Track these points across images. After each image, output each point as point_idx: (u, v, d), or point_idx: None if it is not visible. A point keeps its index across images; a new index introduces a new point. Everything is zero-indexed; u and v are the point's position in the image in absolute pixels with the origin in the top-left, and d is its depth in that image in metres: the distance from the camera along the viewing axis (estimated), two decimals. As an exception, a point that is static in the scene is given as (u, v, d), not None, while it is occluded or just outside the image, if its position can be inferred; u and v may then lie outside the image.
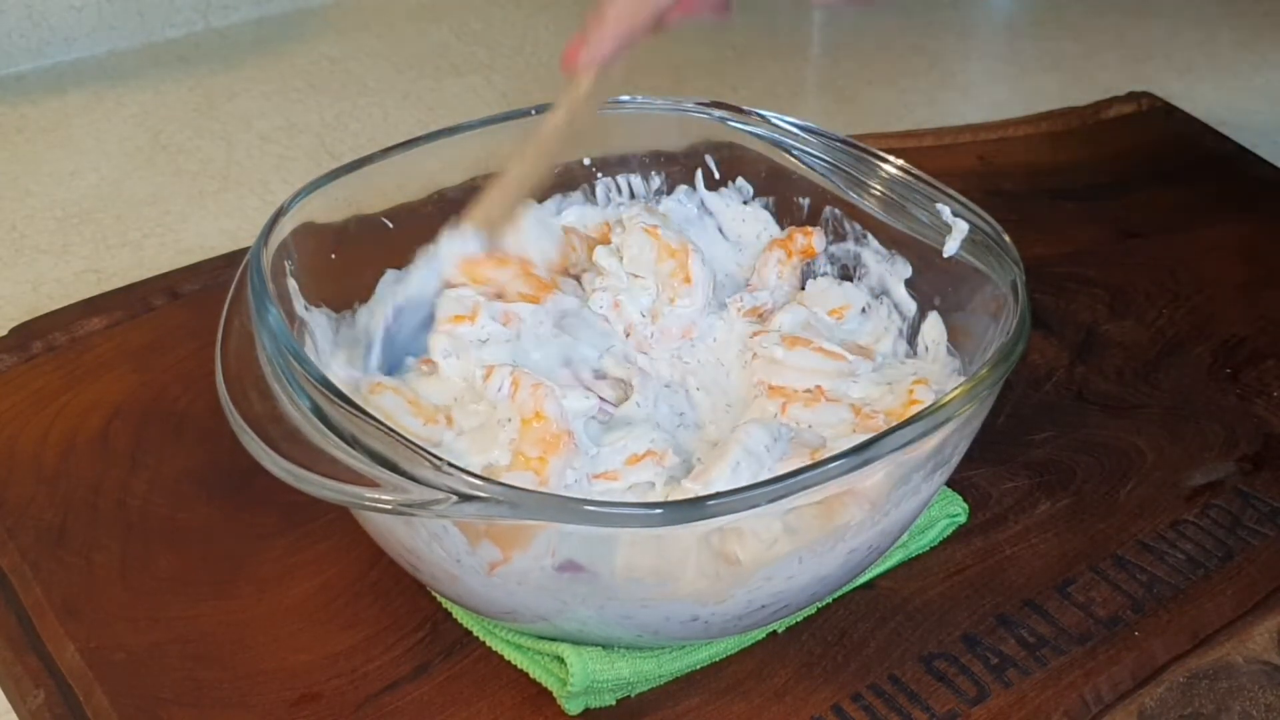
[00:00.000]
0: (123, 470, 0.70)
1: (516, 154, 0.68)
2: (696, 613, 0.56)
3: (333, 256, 0.67)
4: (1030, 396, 0.76)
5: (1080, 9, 1.25)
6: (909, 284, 0.69)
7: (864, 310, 0.70)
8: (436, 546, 0.55)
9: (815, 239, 0.72)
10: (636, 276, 0.68)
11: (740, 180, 0.74)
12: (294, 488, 0.53)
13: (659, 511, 0.53)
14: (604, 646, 0.59)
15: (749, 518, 0.53)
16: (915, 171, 0.69)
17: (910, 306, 0.69)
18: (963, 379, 0.65)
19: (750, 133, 0.73)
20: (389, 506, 0.52)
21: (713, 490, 0.56)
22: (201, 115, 1.06)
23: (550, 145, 0.68)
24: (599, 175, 0.75)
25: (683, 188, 0.75)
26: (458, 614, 0.63)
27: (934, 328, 0.68)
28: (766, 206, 0.74)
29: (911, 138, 0.96)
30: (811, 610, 0.63)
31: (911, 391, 0.64)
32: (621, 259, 0.69)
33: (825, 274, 0.72)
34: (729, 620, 0.58)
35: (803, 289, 0.71)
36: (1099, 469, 0.72)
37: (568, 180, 0.74)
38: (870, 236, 0.71)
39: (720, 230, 0.74)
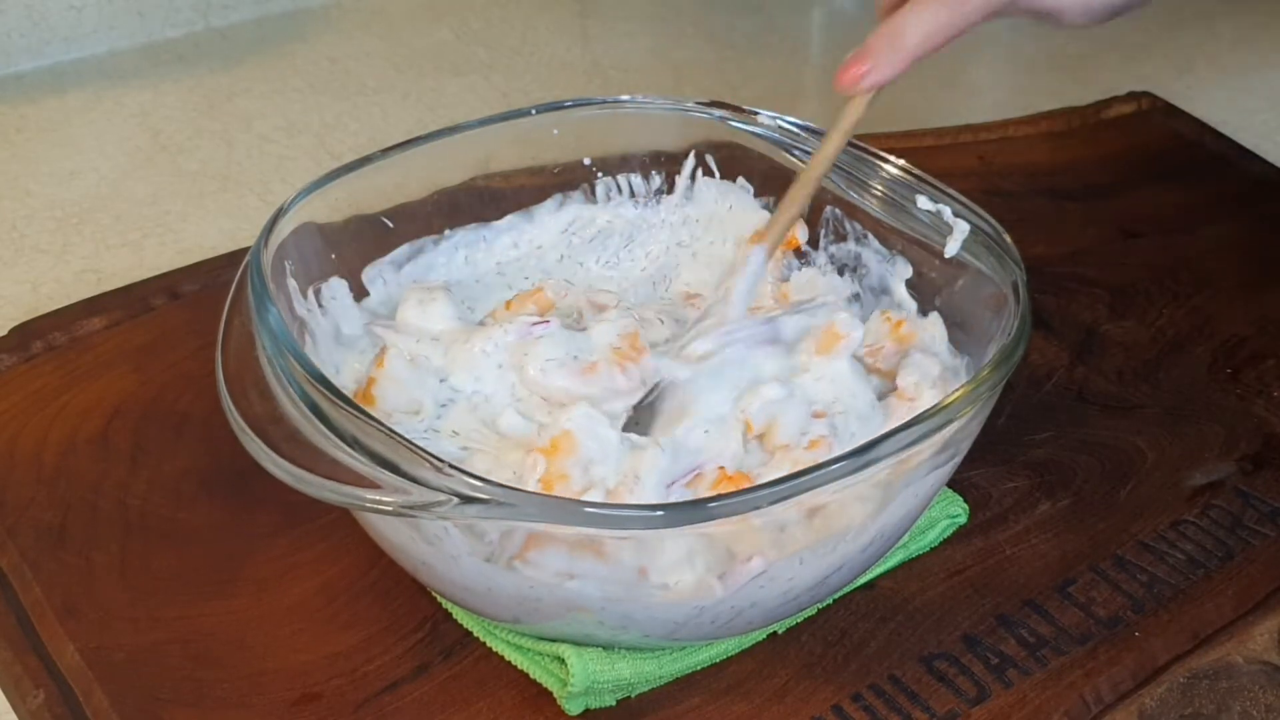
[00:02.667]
0: (123, 470, 0.70)
1: (798, 182, 0.66)
2: (698, 614, 0.56)
3: (333, 256, 0.67)
4: (1030, 396, 0.76)
5: (1080, 9, 1.25)
6: (909, 284, 0.69)
7: (853, 299, 0.70)
8: (437, 547, 0.55)
9: (799, 230, 0.71)
10: None
11: (740, 180, 0.74)
12: (294, 488, 0.53)
13: (660, 513, 0.53)
14: (604, 647, 0.59)
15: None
16: (916, 171, 0.69)
17: (911, 306, 0.69)
18: (967, 377, 0.65)
19: (750, 133, 0.73)
20: (390, 508, 0.52)
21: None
22: (201, 115, 1.06)
23: (825, 170, 0.66)
24: (599, 175, 0.75)
25: (684, 187, 0.75)
26: (458, 614, 0.63)
27: (935, 326, 0.68)
28: (767, 206, 0.74)
29: (911, 138, 0.96)
30: (811, 610, 0.63)
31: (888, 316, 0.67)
32: None
33: (810, 265, 0.72)
34: (731, 621, 0.58)
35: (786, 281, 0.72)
36: (1099, 469, 0.72)
37: (568, 180, 0.74)
38: (871, 236, 0.71)
39: (721, 230, 0.74)
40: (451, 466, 0.51)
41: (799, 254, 0.72)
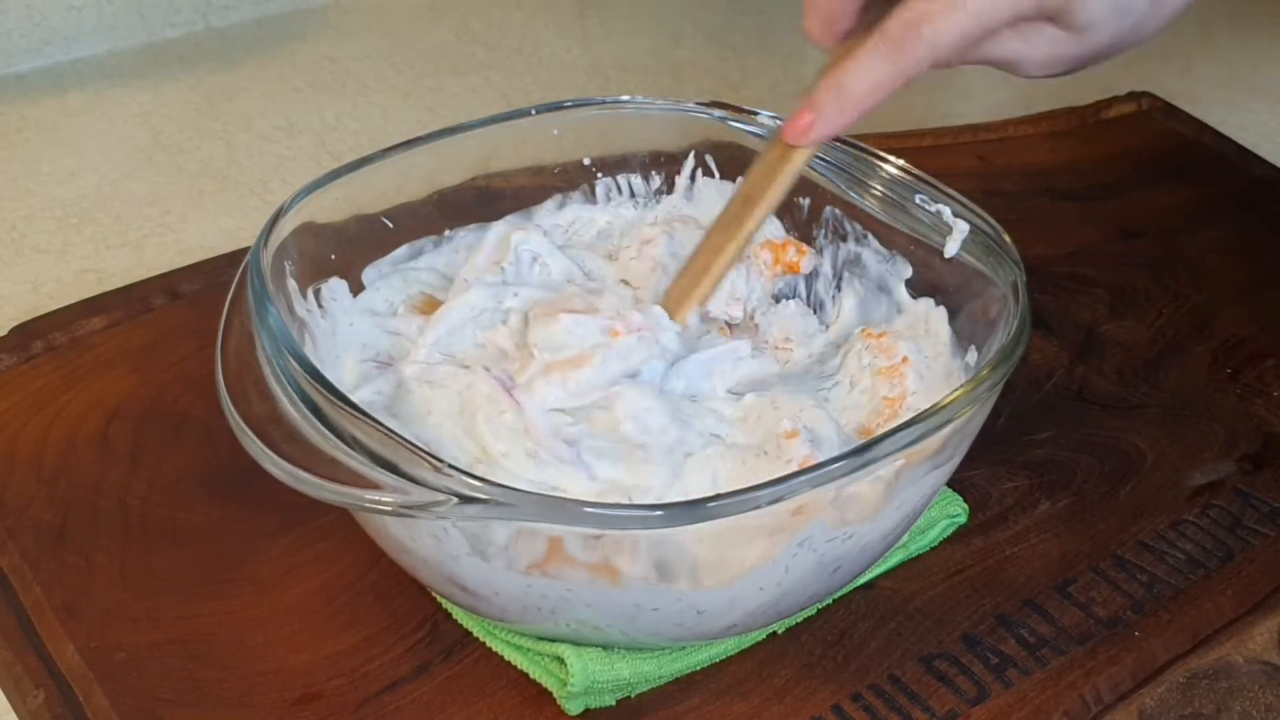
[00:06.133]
0: (123, 470, 0.70)
1: (719, 228, 0.64)
2: (697, 613, 0.57)
3: (333, 257, 0.67)
4: (1030, 396, 0.76)
5: (1080, 9, 1.25)
6: (909, 284, 0.69)
7: (821, 351, 0.70)
8: (437, 547, 0.55)
9: (806, 259, 0.70)
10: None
11: (740, 180, 0.74)
12: (294, 488, 0.53)
13: (659, 513, 0.53)
14: (604, 647, 0.59)
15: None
16: (915, 171, 0.69)
17: (911, 306, 0.69)
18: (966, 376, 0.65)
19: (750, 133, 0.73)
20: (389, 508, 0.52)
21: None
22: (201, 115, 1.06)
23: (763, 217, 0.64)
24: (599, 175, 0.75)
25: (684, 187, 0.75)
26: (458, 614, 0.63)
27: (938, 321, 0.68)
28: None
29: (911, 138, 0.96)
30: (811, 610, 0.64)
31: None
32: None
33: (796, 299, 0.72)
34: (731, 621, 0.58)
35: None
36: (1099, 469, 0.72)
37: (568, 180, 0.74)
38: (870, 236, 0.71)
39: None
40: (450, 466, 0.51)
41: (793, 273, 0.72)
